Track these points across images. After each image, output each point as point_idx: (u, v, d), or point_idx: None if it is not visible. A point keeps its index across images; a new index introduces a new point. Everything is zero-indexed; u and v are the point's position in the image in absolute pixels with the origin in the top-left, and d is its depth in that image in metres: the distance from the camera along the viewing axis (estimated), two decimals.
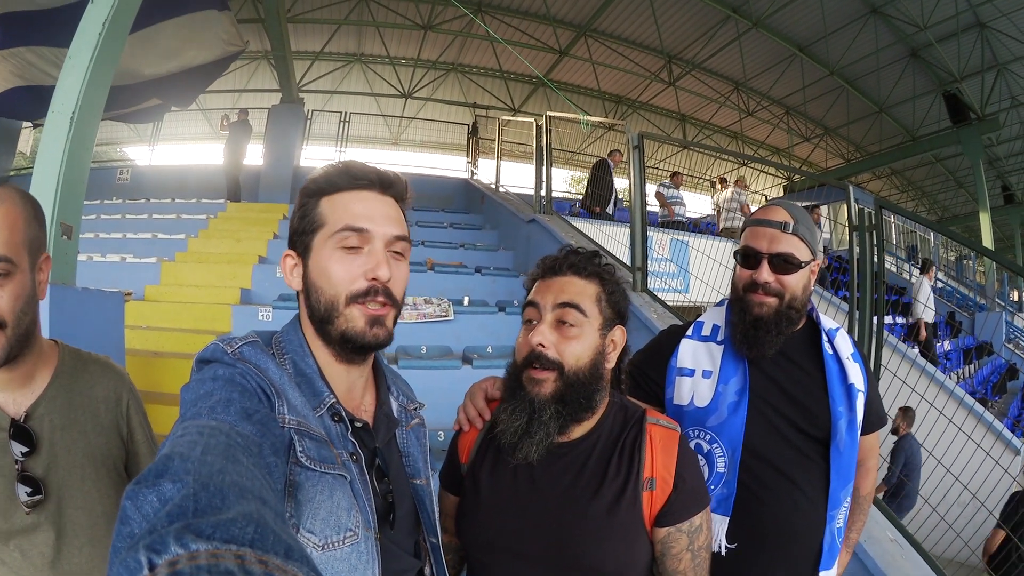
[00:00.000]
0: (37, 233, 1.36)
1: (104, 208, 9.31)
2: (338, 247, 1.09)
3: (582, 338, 1.37)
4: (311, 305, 1.12)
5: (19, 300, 1.33)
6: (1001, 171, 19.58)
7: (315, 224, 1.11)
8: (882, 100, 18.24)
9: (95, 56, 3.31)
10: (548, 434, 1.34)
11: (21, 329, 1.35)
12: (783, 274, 1.71)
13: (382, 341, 1.12)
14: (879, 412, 1.87)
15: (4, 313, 1.30)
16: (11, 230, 1.28)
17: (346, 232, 1.09)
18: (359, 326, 1.09)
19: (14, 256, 1.29)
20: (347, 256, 1.09)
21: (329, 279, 1.09)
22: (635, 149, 5.03)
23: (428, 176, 13.28)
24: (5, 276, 1.29)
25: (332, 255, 1.09)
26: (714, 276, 5.72)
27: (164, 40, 6.62)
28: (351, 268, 1.09)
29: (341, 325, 1.09)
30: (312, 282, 1.11)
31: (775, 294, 1.71)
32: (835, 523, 1.67)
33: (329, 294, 1.09)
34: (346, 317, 1.09)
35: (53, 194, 3.13)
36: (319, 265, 1.10)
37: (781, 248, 1.71)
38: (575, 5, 16.04)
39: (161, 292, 6.00)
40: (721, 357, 1.80)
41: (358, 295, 1.09)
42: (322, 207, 1.12)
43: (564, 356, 1.35)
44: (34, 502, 1.38)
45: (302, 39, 17.28)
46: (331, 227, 1.10)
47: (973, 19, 14.08)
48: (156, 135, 14.91)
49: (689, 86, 19.70)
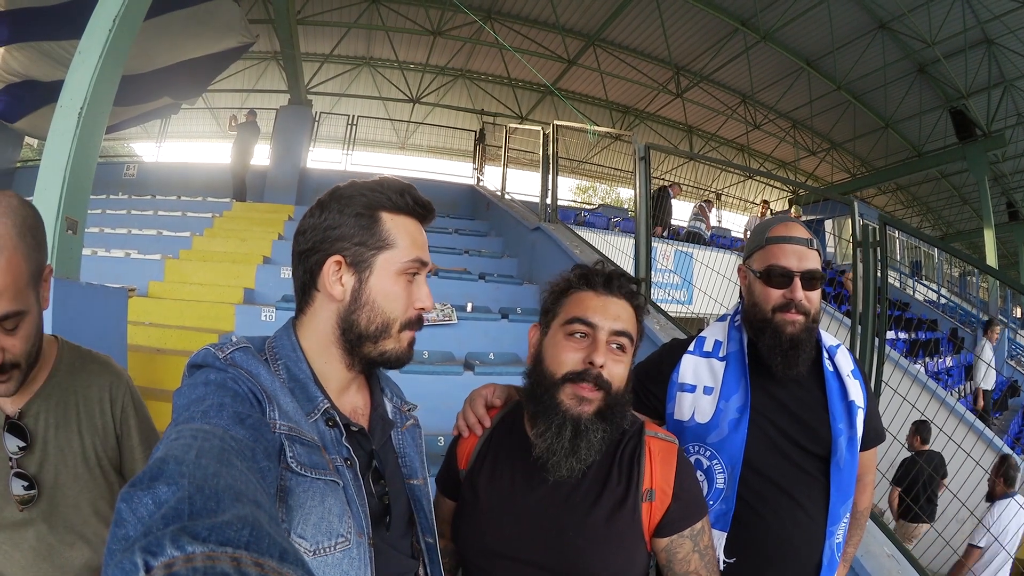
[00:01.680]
0: (38, 257, 1.35)
1: (110, 203, 9.33)
2: (404, 274, 1.16)
3: (626, 363, 1.40)
4: (352, 319, 1.14)
5: (30, 338, 1.36)
6: (1006, 188, 19.53)
7: (382, 243, 1.15)
8: (888, 115, 18.22)
9: (105, 52, 3.33)
10: (591, 454, 1.35)
11: (32, 358, 1.39)
12: (810, 290, 1.71)
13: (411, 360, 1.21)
14: (878, 428, 1.86)
15: (19, 356, 1.34)
16: (16, 277, 1.27)
17: (416, 263, 1.17)
18: (404, 348, 1.18)
19: (23, 304, 1.30)
20: (409, 284, 1.18)
21: (394, 303, 1.15)
22: (641, 160, 5.03)
23: (434, 181, 13.27)
24: (16, 326, 1.31)
25: (398, 280, 1.16)
26: (719, 289, 5.71)
27: (174, 30, 6.67)
28: (411, 296, 1.17)
29: (388, 345, 1.16)
30: (370, 299, 1.14)
31: (804, 312, 1.70)
32: (834, 538, 1.67)
33: (389, 316, 1.15)
34: (397, 339, 1.17)
35: (59, 188, 3.14)
36: (384, 287, 1.15)
37: (810, 265, 1.71)
38: (584, 14, 16.06)
39: (165, 289, 5.99)
40: (723, 374, 1.79)
41: (412, 321, 1.18)
42: (387, 226, 1.16)
43: (613, 378, 1.37)
44: (27, 498, 1.39)
45: (312, 41, 17.34)
46: (401, 254, 1.16)
47: (981, 35, 14.06)
48: (164, 132, 14.93)
49: (696, 98, 19.70)
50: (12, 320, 1.29)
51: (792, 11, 14.36)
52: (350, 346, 1.14)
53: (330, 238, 1.14)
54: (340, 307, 1.14)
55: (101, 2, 3.41)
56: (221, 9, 7.19)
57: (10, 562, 1.41)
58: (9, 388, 1.36)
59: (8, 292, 1.25)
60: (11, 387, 1.36)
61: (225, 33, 7.62)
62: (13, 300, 1.27)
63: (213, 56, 8.00)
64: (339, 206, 1.15)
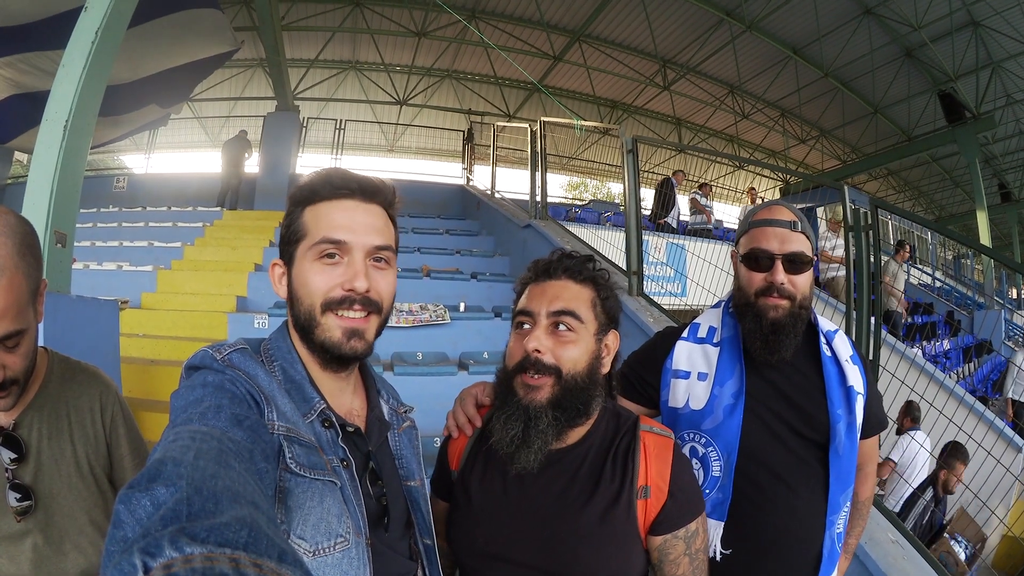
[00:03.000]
0: (37, 275, 1.36)
1: (100, 216, 9.32)
2: (317, 258, 1.11)
3: (578, 343, 1.36)
4: (295, 314, 1.14)
5: (29, 354, 1.39)
6: (997, 169, 19.62)
7: (298, 234, 1.13)
8: (877, 101, 18.31)
9: (88, 64, 3.32)
10: (546, 442, 1.33)
11: (29, 373, 1.42)
12: (795, 274, 1.68)
13: (360, 353, 1.13)
14: (879, 415, 1.85)
15: (18, 373, 1.36)
16: (18, 297, 1.28)
17: (324, 244, 1.10)
18: (336, 336, 1.10)
19: (24, 323, 1.32)
20: (325, 267, 1.11)
21: (307, 288, 1.10)
22: (629, 153, 5.03)
23: (424, 183, 13.33)
24: (17, 344, 1.33)
25: (312, 266, 1.11)
26: (712, 280, 5.71)
27: (158, 37, 6.65)
28: (328, 278, 1.11)
29: (320, 335, 1.10)
30: (294, 291, 1.13)
31: (788, 296, 1.68)
32: (835, 528, 1.65)
33: (307, 303, 1.10)
34: (323, 327, 1.10)
35: (47, 202, 3.13)
36: (300, 275, 1.12)
37: (793, 247, 1.68)
38: (569, 10, 16.09)
39: (157, 300, 5.99)
40: (717, 359, 1.77)
41: (332, 303, 1.10)
42: (305, 217, 1.14)
43: (561, 361, 1.34)
44: (23, 508, 1.41)
45: (297, 47, 17.32)
46: (312, 238, 1.11)
47: (967, 18, 14.14)
48: (152, 143, 14.92)
49: (684, 90, 19.77)
50: (14, 339, 1.31)
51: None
52: (306, 342, 1.13)
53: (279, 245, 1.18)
54: (289, 306, 1.15)
55: (83, 15, 3.40)
56: (205, 15, 7.18)
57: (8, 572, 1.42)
58: (8, 403, 1.39)
59: (10, 312, 1.27)
60: (10, 402, 1.39)
61: (209, 39, 7.60)
62: (15, 320, 1.28)
63: (198, 63, 7.98)
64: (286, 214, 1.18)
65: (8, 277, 1.25)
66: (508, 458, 1.34)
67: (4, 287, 1.24)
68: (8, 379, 1.34)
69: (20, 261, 1.28)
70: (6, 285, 1.24)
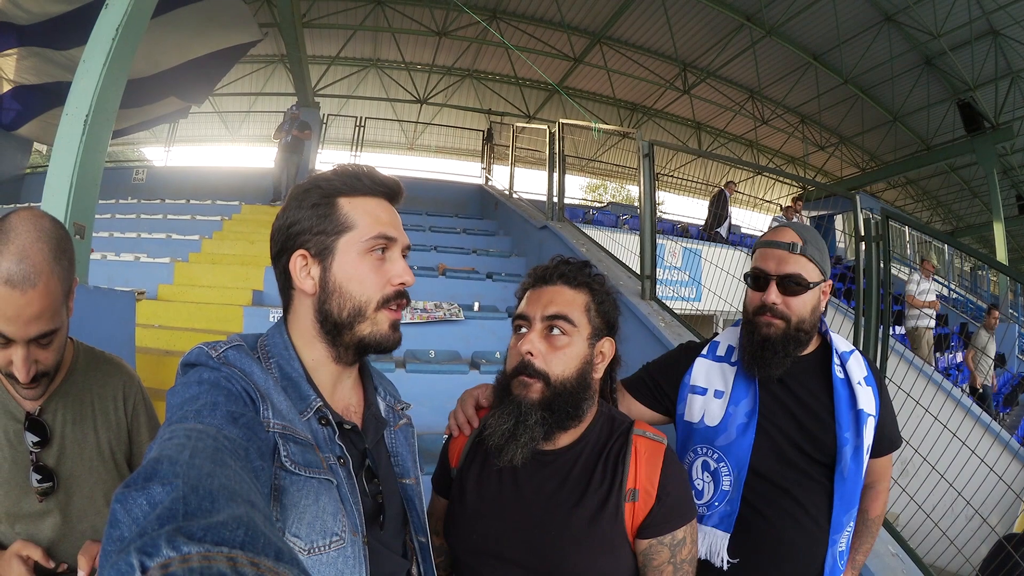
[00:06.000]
0: (70, 277, 1.40)
1: (119, 208, 9.36)
2: (369, 252, 1.12)
3: (570, 348, 1.39)
4: (326, 308, 1.11)
5: (60, 349, 1.44)
6: (1016, 180, 19.32)
7: (341, 227, 1.12)
8: (896, 109, 18.10)
9: (109, 59, 3.36)
10: (533, 438, 1.35)
11: (58, 365, 1.47)
12: (791, 296, 1.71)
13: (399, 342, 1.15)
14: (892, 435, 1.85)
15: (51, 366, 1.42)
16: (53, 300, 1.32)
17: (380, 239, 1.12)
18: (384, 329, 1.13)
19: (58, 323, 1.37)
20: (378, 262, 1.12)
21: (362, 284, 1.11)
22: (645, 157, 5.02)
23: (443, 181, 13.34)
24: (51, 342, 1.38)
25: (364, 260, 1.12)
26: (724, 286, 5.70)
27: (180, 26, 6.68)
28: (385, 274, 1.12)
29: (365, 329, 1.12)
30: (337, 285, 1.11)
31: (782, 317, 1.71)
32: (837, 547, 1.68)
33: (360, 299, 1.11)
34: (373, 321, 1.12)
35: (67, 194, 3.18)
36: (347, 270, 1.11)
37: (789, 269, 1.71)
38: (589, 12, 16.02)
39: (174, 292, 6.02)
40: (734, 379, 1.81)
41: (389, 299, 1.13)
42: (344, 209, 1.13)
43: (551, 367, 1.36)
44: (45, 489, 1.46)
45: (318, 44, 17.36)
46: (363, 232, 1.12)
47: (986, 27, 13.94)
48: (172, 136, 15.00)
49: (704, 94, 19.62)
50: (48, 337, 1.36)
51: (797, 5, 14.30)
52: (331, 337, 1.12)
53: (293, 235, 1.13)
54: (314, 300, 1.12)
55: (104, 11, 3.44)
56: (227, 4, 7.20)
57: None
58: (37, 393, 1.45)
59: (46, 314, 1.31)
60: (39, 392, 1.45)
61: (231, 29, 7.63)
62: (50, 321, 1.33)
63: (220, 53, 8.02)
64: (297, 202, 1.15)
65: (44, 282, 1.29)
66: (496, 451, 1.37)
67: (40, 292, 1.28)
68: (40, 372, 1.39)
69: (55, 265, 1.32)
70: (42, 290, 1.28)
